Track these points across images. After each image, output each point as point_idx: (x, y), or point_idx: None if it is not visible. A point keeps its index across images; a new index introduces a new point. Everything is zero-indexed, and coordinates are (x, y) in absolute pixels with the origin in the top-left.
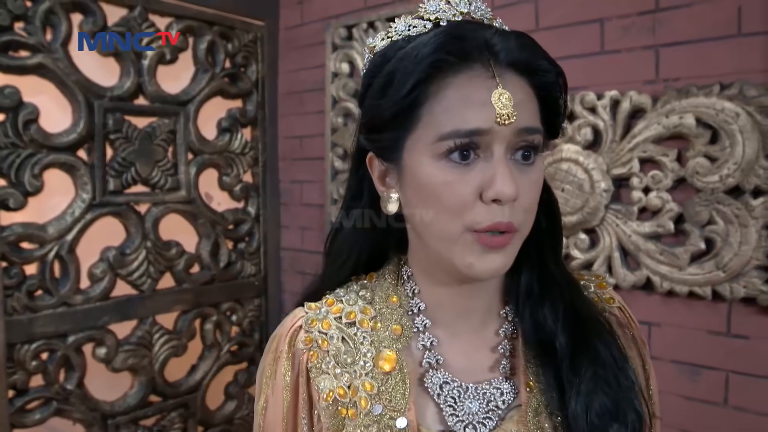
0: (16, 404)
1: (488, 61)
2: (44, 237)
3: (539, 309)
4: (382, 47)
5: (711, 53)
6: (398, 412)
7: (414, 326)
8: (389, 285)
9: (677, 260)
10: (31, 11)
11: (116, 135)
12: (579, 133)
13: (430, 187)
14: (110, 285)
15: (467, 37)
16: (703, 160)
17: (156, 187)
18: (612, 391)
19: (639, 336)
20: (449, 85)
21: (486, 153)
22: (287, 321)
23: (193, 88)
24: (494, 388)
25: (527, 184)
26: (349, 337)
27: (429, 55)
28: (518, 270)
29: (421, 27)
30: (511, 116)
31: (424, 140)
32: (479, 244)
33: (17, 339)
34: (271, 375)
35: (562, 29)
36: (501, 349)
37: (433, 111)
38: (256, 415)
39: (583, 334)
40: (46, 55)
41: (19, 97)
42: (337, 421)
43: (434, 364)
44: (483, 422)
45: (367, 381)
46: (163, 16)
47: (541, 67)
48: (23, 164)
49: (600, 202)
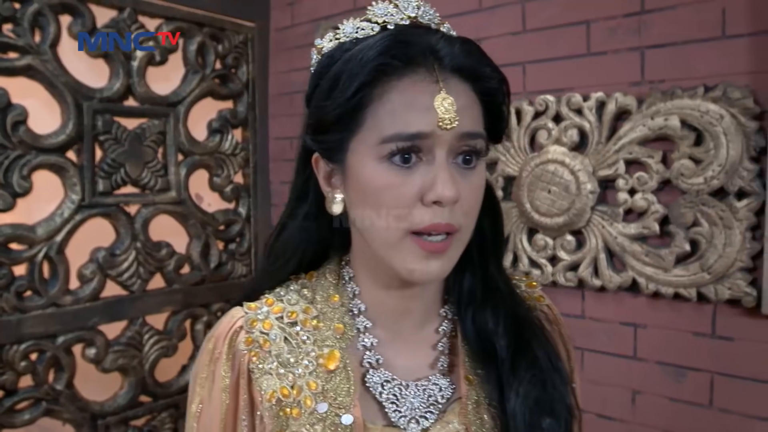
0: (5, 404)
1: (432, 66)
2: (33, 238)
3: (481, 313)
4: (329, 48)
5: (696, 55)
6: (344, 410)
7: (355, 326)
8: (330, 284)
9: (662, 262)
10: (20, 13)
11: (105, 136)
12: (565, 134)
13: (372, 188)
14: (100, 286)
15: (412, 42)
16: (688, 162)
17: (146, 188)
18: (547, 389)
19: (565, 332)
20: (393, 88)
21: (428, 156)
22: (224, 322)
23: (183, 89)
24: (433, 384)
25: (468, 188)
26: (291, 336)
27: (374, 59)
28: (461, 272)
29: (369, 30)
30: (453, 121)
31: (368, 142)
32: (420, 248)
33: (6, 339)
34: (207, 377)
35: (549, 31)
36: (440, 346)
37: (377, 114)
38: (188, 418)
39: (522, 338)
40: (34, 57)
41: (7, 99)
42: (281, 421)
43: (375, 364)
44: (425, 416)
45: (311, 380)
46: (153, 18)
47: (485, 73)
48: (12, 165)
49: (586, 203)
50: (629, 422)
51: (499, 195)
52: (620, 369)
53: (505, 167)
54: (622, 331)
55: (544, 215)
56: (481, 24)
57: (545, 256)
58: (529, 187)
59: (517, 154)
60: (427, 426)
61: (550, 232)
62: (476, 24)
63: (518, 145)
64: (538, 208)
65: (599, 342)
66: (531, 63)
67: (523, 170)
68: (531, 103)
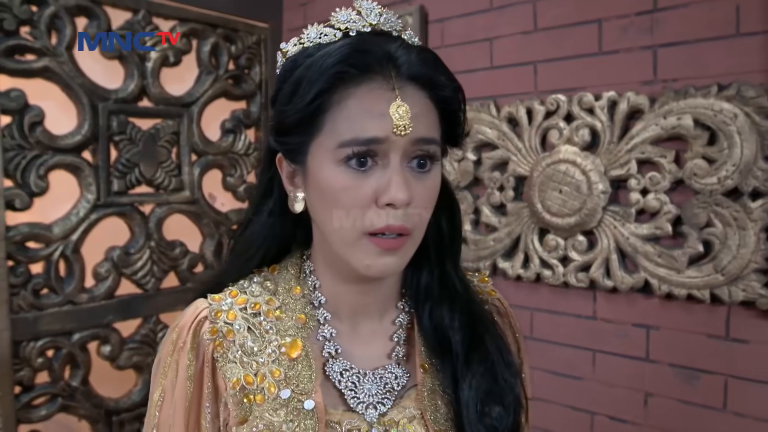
0: (22, 400)
1: (390, 73)
2: (50, 237)
3: (438, 309)
4: (293, 53)
5: (709, 54)
6: (306, 395)
7: (316, 317)
8: (292, 277)
9: (675, 263)
10: (37, 16)
11: (120, 136)
12: (577, 134)
13: (330, 190)
14: (115, 284)
15: (370, 51)
16: (701, 162)
17: (160, 188)
18: (497, 381)
19: (515, 325)
20: (351, 95)
21: (383, 160)
22: (189, 312)
23: (197, 89)
24: (389, 373)
25: (422, 191)
26: (254, 326)
27: (332, 66)
28: (418, 269)
29: (332, 36)
30: (408, 127)
31: (326, 146)
32: (375, 246)
33: (23, 336)
34: (170, 366)
35: (560, 30)
36: (396, 337)
37: (335, 119)
38: (150, 406)
39: (476, 333)
40: (51, 59)
41: (24, 100)
42: (244, 408)
43: (334, 354)
44: (382, 402)
45: (275, 367)
46: (167, 19)
47: (440, 82)
48: (29, 165)
49: (598, 203)
50: (641, 425)
51: (510, 195)
52: (632, 371)
53: (516, 167)
54: (634, 332)
55: (555, 215)
56: (492, 23)
57: (556, 256)
58: (540, 187)
59: (528, 154)
60: (384, 411)
61: (561, 232)
62: (487, 23)
63: (529, 145)
64: (549, 208)
65: (611, 343)
66: (542, 62)
67: (534, 170)
68: (542, 102)
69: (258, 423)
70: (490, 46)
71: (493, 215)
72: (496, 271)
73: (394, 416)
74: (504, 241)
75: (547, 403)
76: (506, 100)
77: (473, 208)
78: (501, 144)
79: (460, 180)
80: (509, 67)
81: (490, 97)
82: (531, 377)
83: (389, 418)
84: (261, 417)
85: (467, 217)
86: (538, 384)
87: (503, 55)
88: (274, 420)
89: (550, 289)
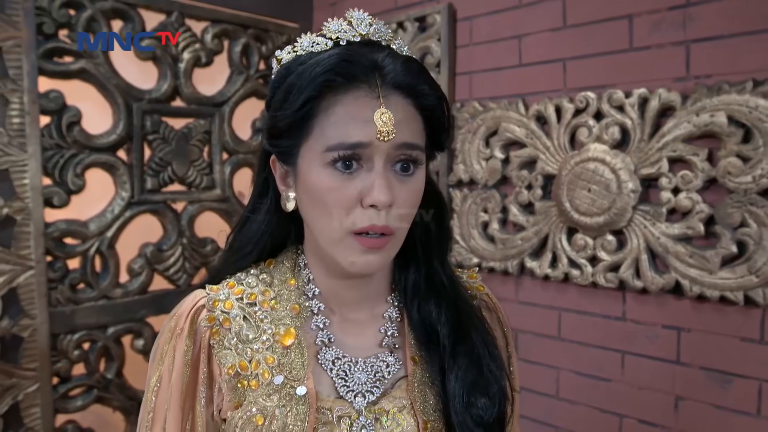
0: (59, 391)
1: (375, 82)
2: (86, 233)
3: (425, 304)
4: (287, 60)
5: (744, 48)
6: (298, 382)
7: (309, 308)
8: (287, 270)
9: (708, 264)
10: (74, 19)
11: (154, 136)
12: (606, 132)
13: (318, 191)
14: (148, 279)
15: (356, 61)
16: (735, 160)
17: (192, 186)
18: (483, 373)
19: (503, 319)
20: (338, 102)
21: (368, 164)
22: (187, 301)
23: (228, 89)
24: (381, 361)
25: (405, 193)
26: (250, 315)
27: (320, 75)
28: (405, 267)
29: (323, 45)
30: (391, 133)
31: (315, 149)
32: (359, 245)
33: (60, 329)
34: (167, 352)
35: (590, 26)
36: (387, 329)
37: (323, 124)
38: (147, 391)
39: (462, 327)
40: (88, 61)
41: (62, 101)
42: (239, 393)
43: (327, 342)
44: (371, 390)
45: (269, 354)
46: (199, 21)
47: (423, 91)
48: (66, 164)
49: (627, 202)
50: (671, 429)
51: (538, 194)
52: (663, 374)
53: (544, 166)
54: (665, 334)
55: (584, 214)
56: (521, 20)
57: (585, 256)
58: (569, 185)
59: (557, 153)
60: (372, 399)
61: (590, 231)
62: (516, 20)
63: (558, 144)
64: (577, 207)
65: (641, 345)
66: (571, 59)
67: (562, 169)
68: (571, 100)
69: (252, 407)
70: (518, 43)
71: (521, 214)
72: (524, 271)
73: (385, 405)
74: (532, 240)
75: (574, 405)
76: (535, 98)
77: (501, 207)
78: (529, 142)
79: (488, 179)
80: (538, 64)
81: (519, 95)
82: (557, 378)
83: (380, 407)
84: (255, 402)
85: (495, 216)
86: (566, 385)
87: (532, 53)
88: (267, 405)
89: (578, 289)
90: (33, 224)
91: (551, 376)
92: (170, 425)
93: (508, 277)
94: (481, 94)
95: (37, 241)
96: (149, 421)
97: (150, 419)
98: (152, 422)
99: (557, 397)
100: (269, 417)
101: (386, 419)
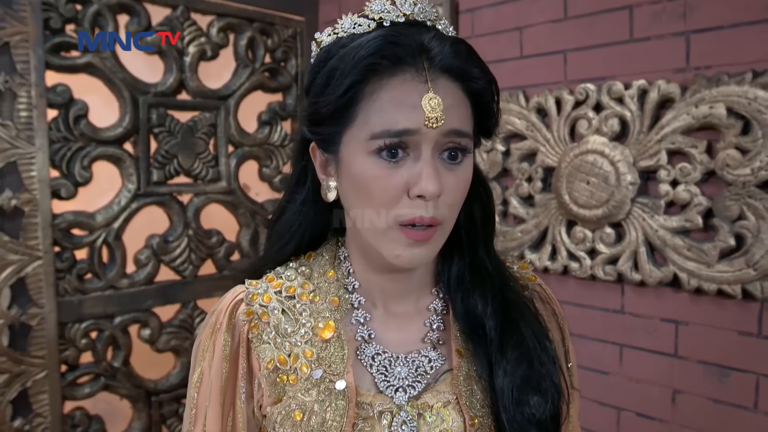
0: (68, 378)
1: (422, 65)
2: (93, 224)
3: (470, 296)
4: (327, 43)
5: (744, 39)
6: (337, 376)
7: (350, 301)
8: (327, 262)
9: (705, 257)
10: (81, 14)
11: (160, 129)
12: (606, 124)
13: (362, 180)
14: (154, 270)
15: (403, 43)
16: (734, 152)
17: (198, 178)
18: (534, 367)
19: (559, 311)
20: (383, 86)
21: (415, 152)
22: (227, 296)
23: (234, 83)
24: (423, 356)
25: (453, 183)
26: (288, 309)
27: (365, 58)
28: (449, 257)
29: (366, 26)
30: (440, 120)
31: (359, 137)
32: (405, 237)
33: (68, 318)
34: (207, 348)
35: (591, 17)
36: (432, 323)
37: (368, 110)
38: (189, 387)
39: (510, 319)
40: (94, 55)
41: (70, 95)
42: (278, 388)
43: (367, 338)
44: (412, 385)
45: (308, 348)
46: (204, 15)
47: (473, 74)
48: (74, 157)
49: (626, 195)
50: (669, 422)
51: (538, 186)
52: (661, 367)
53: (544, 158)
54: (663, 327)
55: (583, 207)
56: (523, 12)
57: (584, 248)
58: (568, 178)
59: (557, 145)
60: (414, 394)
61: (588, 224)
62: (518, 12)
63: (558, 136)
64: (576, 199)
65: (639, 338)
66: (572, 51)
67: (562, 161)
68: (571, 92)
69: (291, 402)
70: (520, 35)
71: (521, 206)
72: None
73: (428, 400)
74: (532, 232)
75: None
76: (536, 90)
77: (502, 200)
78: (530, 134)
79: (489, 171)
80: (539, 56)
81: (520, 87)
82: None
83: (423, 402)
84: (294, 397)
85: (496, 208)
86: None
87: (533, 45)
88: (306, 400)
89: (577, 281)
90: (41, 215)
91: None
92: (211, 421)
93: None
94: None
95: (44, 232)
96: (192, 417)
97: (193, 416)
98: (195, 419)
99: None
100: (308, 412)
101: (430, 415)
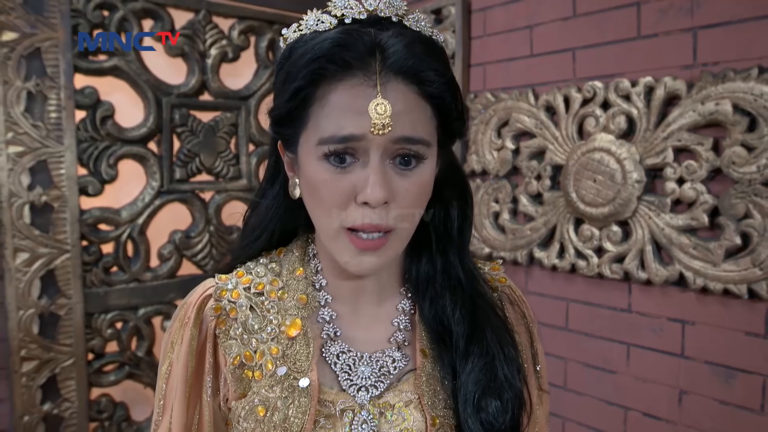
0: (94, 366)
1: (373, 68)
2: (118, 220)
3: (439, 299)
4: (292, 40)
5: (752, 34)
6: (302, 373)
7: (317, 299)
8: (296, 259)
9: (711, 255)
10: (107, 19)
11: (182, 128)
12: (613, 121)
13: (314, 183)
14: (176, 265)
15: (353, 45)
16: (740, 150)
17: (219, 176)
18: (497, 377)
19: (528, 313)
20: (332, 90)
21: (364, 158)
22: (197, 290)
23: (255, 83)
24: (387, 356)
25: (405, 189)
26: (257, 305)
27: (311, 63)
28: (417, 257)
29: (327, 23)
30: (387, 126)
31: (311, 140)
32: (352, 245)
33: (94, 309)
34: (176, 341)
35: (599, 14)
36: (398, 322)
37: (317, 115)
38: (159, 379)
39: (477, 326)
40: (120, 58)
41: (97, 96)
42: (243, 383)
43: (333, 336)
44: (375, 385)
45: (273, 345)
46: (226, 18)
47: (427, 77)
48: (100, 155)
49: (632, 193)
50: (676, 423)
51: (547, 184)
52: (667, 367)
53: (553, 156)
54: (669, 327)
55: (590, 205)
56: (532, 10)
57: (591, 246)
58: (575, 176)
59: (565, 143)
60: (376, 393)
61: (595, 222)
62: (527, 11)
63: (566, 134)
64: (583, 197)
65: (646, 338)
66: (581, 49)
67: (569, 159)
68: (579, 90)
69: (255, 398)
70: (530, 33)
71: (530, 204)
72: (533, 261)
73: (390, 399)
74: (540, 230)
75: (580, 396)
76: (545, 88)
77: (511, 198)
78: (538, 132)
79: (499, 169)
80: (548, 54)
81: (530, 85)
82: (565, 369)
83: (385, 401)
84: (258, 392)
85: (506, 206)
86: (572, 376)
87: (543, 43)
88: (270, 396)
89: (585, 280)
90: (69, 211)
91: (560, 366)
92: (176, 413)
93: (518, 268)
94: (495, 84)
95: (72, 227)
96: (160, 408)
97: (161, 407)
98: (163, 410)
99: (565, 388)
100: (271, 408)
101: (391, 414)
